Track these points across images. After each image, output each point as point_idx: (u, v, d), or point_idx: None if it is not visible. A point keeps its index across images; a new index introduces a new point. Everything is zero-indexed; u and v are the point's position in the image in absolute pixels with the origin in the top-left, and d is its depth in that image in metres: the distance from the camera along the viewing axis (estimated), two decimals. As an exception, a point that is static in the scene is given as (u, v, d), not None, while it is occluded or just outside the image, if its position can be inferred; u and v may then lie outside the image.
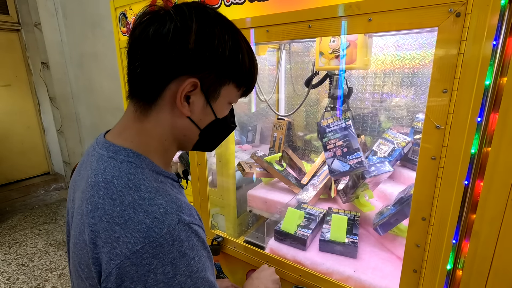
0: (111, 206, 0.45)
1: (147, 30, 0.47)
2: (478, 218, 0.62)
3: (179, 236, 0.44)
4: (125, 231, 0.43)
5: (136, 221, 0.43)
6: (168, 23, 0.46)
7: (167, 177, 0.54)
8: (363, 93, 1.44)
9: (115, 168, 0.48)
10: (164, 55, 0.46)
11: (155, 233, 0.42)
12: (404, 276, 0.75)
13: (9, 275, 2.42)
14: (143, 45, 0.47)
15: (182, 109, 0.50)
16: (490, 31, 0.54)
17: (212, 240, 1.16)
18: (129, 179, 0.47)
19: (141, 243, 0.42)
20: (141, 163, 0.50)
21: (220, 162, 1.38)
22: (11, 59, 3.89)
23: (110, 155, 0.50)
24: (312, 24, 0.73)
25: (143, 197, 0.45)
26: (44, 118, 4.24)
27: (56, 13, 3.48)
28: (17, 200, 3.78)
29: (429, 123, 0.63)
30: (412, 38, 1.24)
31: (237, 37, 0.52)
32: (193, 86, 0.49)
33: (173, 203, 0.47)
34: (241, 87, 0.56)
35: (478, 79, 0.56)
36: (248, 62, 0.54)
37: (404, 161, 1.31)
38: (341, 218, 1.03)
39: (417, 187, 0.68)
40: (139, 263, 0.41)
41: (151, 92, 0.50)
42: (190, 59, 0.47)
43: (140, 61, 0.48)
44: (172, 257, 0.43)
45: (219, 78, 0.51)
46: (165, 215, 0.44)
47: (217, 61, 0.49)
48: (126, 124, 0.54)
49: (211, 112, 0.54)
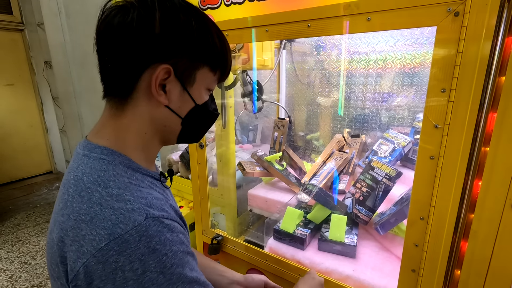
0: (79, 204, 0.44)
1: (111, 23, 0.46)
2: (476, 218, 0.61)
3: (147, 232, 0.42)
4: (91, 229, 0.42)
5: (102, 218, 0.42)
6: (131, 12, 0.46)
7: (146, 175, 0.52)
8: (364, 93, 1.44)
9: (87, 165, 0.47)
10: (132, 44, 0.46)
11: (120, 229, 0.41)
12: (402, 275, 0.75)
13: (12, 273, 2.44)
14: (109, 38, 0.47)
15: (158, 98, 0.49)
16: (489, 30, 0.54)
17: (212, 239, 1.16)
18: (98, 176, 0.46)
19: (105, 240, 0.41)
20: (114, 159, 0.48)
21: (221, 162, 1.38)
22: (14, 58, 3.92)
23: (85, 153, 0.49)
24: (312, 24, 0.74)
25: (111, 194, 0.44)
26: (47, 117, 4.27)
27: (59, 13, 3.49)
28: (20, 198, 3.80)
29: (428, 123, 0.63)
30: (413, 38, 1.24)
31: (204, 20, 0.51)
32: (167, 73, 0.48)
33: (142, 198, 0.46)
34: (216, 70, 0.55)
35: (476, 79, 0.56)
36: (219, 44, 0.53)
37: (405, 161, 1.31)
38: (340, 217, 1.03)
39: (416, 186, 0.68)
40: (105, 261, 0.40)
41: (125, 85, 0.49)
42: (158, 44, 0.47)
43: (108, 55, 0.47)
44: (140, 253, 0.41)
45: (192, 61, 0.50)
46: (132, 211, 0.43)
47: (186, 44, 0.48)
48: (103, 123, 0.53)
49: (189, 99, 0.53)
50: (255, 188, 1.45)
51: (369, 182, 1.06)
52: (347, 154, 1.35)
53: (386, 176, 1.03)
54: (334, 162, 1.32)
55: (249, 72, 1.30)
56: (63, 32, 3.56)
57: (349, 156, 1.35)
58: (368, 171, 1.08)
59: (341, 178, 1.31)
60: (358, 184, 1.10)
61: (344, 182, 1.27)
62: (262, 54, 1.20)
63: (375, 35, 1.33)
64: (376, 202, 1.03)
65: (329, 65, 1.52)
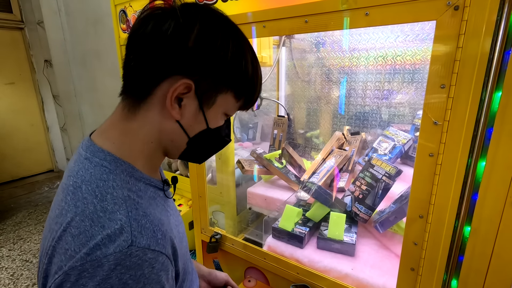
0: (72, 214, 0.42)
1: (146, 24, 0.44)
2: (476, 216, 0.61)
3: (125, 261, 0.38)
4: (75, 244, 0.39)
5: (89, 235, 0.39)
6: (170, 19, 0.44)
7: (149, 185, 0.50)
8: (364, 90, 1.43)
9: (87, 171, 0.45)
10: (160, 50, 0.44)
11: (100, 252, 0.38)
12: (401, 274, 0.74)
13: (13, 270, 2.45)
14: (140, 39, 0.45)
15: (171, 111, 0.47)
16: (490, 24, 0.53)
17: (211, 238, 1.16)
18: (97, 186, 0.43)
19: (82, 259, 0.38)
20: (116, 168, 0.46)
21: (220, 160, 1.38)
22: (15, 57, 3.92)
23: (87, 156, 0.47)
24: (309, 19, 0.72)
25: (105, 209, 0.41)
26: (48, 116, 4.27)
27: (59, 11, 3.49)
28: (21, 197, 3.82)
29: (427, 119, 0.62)
30: (414, 34, 1.22)
31: (242, 44, 0.48)
32: (187, 88, 0.45)
33: (135, 220, 0.42)
34: (240, 98, 0.51)
35: (476, 74, 0.55)
36: (252, 71, 0.49)
37: (405, 159, 1.29)
38: (339, 215, 1.02)
39: (415, 184, 0.67)
40: (74, 281, 0.37)
41: (142, 88, 0.47)
42: (187, 58, 0.44)
43: (134, 54, 0.46)
44: (109, 284, 0.37)
45: (217, 84, 0.47)
46: (119, 234, 0.40)
47: (216, 65, 0.46)
48: (112, 122, 0.50)
49: (203, 120, 0.50)
50: (255, 186, 1.44)
51: (369, 180, 1.05)
52: (347, 152, 1.34)
53: (385, 174, 1.02)
54: (334, 160, 1.31)
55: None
56: (63, 31, 3.56)
57: (348, 153, 1.34)
58: (368, 169, 1.07)
59: (341, 176, 1.31)
60: (357, 182, 1.09)
61: (344, 180, 1.26)
62: (260, 51, 1.18)
63: (375, 31, 1.31)
64: (375, 200, 1.02)
65: (329, 62, 1.50)
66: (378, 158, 1.07)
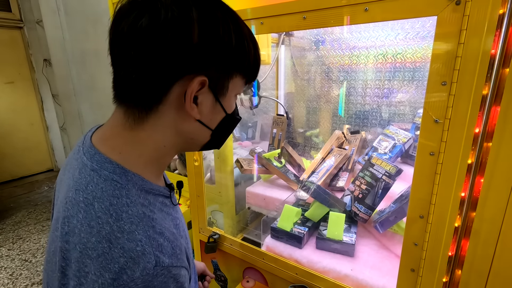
0: (87, 234, 0.40)
1: (137, 24, 0.38)
2: (478, 216, 0.59)
3: (152, 282, 0.39)
4: (95, 268, 0.38)
5: (109, 258, 0.38)
6: (162, 12, 0.38)
7: (158, 195, 0.48)
8: (364, 89, 1.41)
9: (98, 186, 0.42)
10: (165, 54, 0.39)
11: (126, 276, 0.38)
12: (401, 275, 0.73)
13: (12, 270, 2.44)
14: (135, 44, 0.39)
15: (191, 112, 0.44)
16: (492, 19, 0.51)
17: (209, 238, 1.15)
18: (111, 204, 0.41)
19: (109, 285, 0.37)
20: (127, 182, 0.43)
21: (219, 159, 1.36)
22: (14, 56, 3.91)
23: (94, 167, 0.43)
24: (307, 15, 0.71)
25: (123, 229, 0.40)
26: (47, 115, 4.27)
27: (58, 10, 3.47)
28: (21, 196, 3.81)
29: (428, 118, 0.61)
30: (414, 31, 1.21)
31: (237, 20, 0.45)
32: (201, 85, 0.43)
33: (155, 240, 0.41)
34: (247, 76, 0.50)
35: (478, 71, 0.54)
36: (254, 50, 0.48)
37: (405, 158, 1.28)
38: (339, 215, 1.01)
39: (415, 184, 0.66)
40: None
41: (151, 98, 0.43)
42: (196, 55, 0.41)
43: (134, 65, 0.40)
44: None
45: (227, 71, 0.45)
46: (142, 255, 0.39)
47: (224, 53, 0.43)
48: (114, 132, 0.46)
49: (221, 109, 0.48)
50: (254, 186, 1.43)
51: (369, 180, 1.04)
52: (347, 151, 1.32)
53: (386, 173, 1.00)
54: (334, 159, 1.30)
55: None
56: (62, 30, 3.54)
57: (348, 152, 1.33)
58: (368, 168, 1.06)
59: (341, 175, 1.29)
60: (357, 182, 1.08)
61: (344, 179, 1.25)
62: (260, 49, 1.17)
63: (375, 29, 1.30)
64: (375, 199, 1.01)
65: (329, 60, 1.49)
66: (378, 157, 1.06)
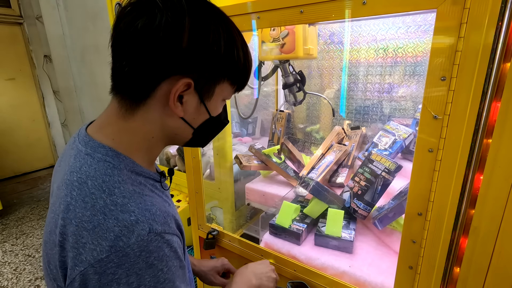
0: (82, 209, 0.43)
1: (134, 24, 0.42)
2: (477, 214, 0.58)
3: (148, 247, 0.42)
4: (92, 238, 0.41)
5: (104, 228, 0.41)
6: (158, 16, 0.42)
7: (148, 178, 0.52)
8: (364, 84, 1.40)
9: (91, 167, 0.46)
10: (155, 54, 0.43)
11: (122, 243, 0.41)
12: (399, 272, 0.72)
13: (16, 265, 2.47)
14: (130, 42, 0.44)
15: (175, 110, 0.48)
16: (493, 12, 0.50)
17: (207, 234, 1.15)
18: (103, 181, 0.45)
19: (106, 252, 0.40)
20: (120, 163, 0.47)
21: (218, 155, 1.36)
22: (14, 52, 3.91)
23: (88, 151, 0.47)
24: (304, 9, 0.70)
25: (116, 203, 0.43)
26: (49, 112, 4.28)
27: (57, 5, 3.45)
28: (24, 192, 3.85)
29: (426, 113, 0.60)
30: (416, 25, 1.18)
31: (231, 30, 0.48)
32: (187, 86, 0.47)
33: (147, 210, 0.45)
34: (235, 83, 0.54)
35: (479, 66, 0.52)
36: (243, 58, 0.51)
37: (406, 154, 1.27)
38: (337, 212, 1.00)
39: (413, 181, 0.65)
40: (102, 272, 0.40)
41: (140, 91, 0.47)
42: (183, 58, 0.44)
43: (127, 59, 0.45)
44: (138, 268, 0.41)
45: (214, 76, 0.49)
46: (136, 224, 0.42)
47: (211, 60, 0.47)
48: (108, 120, 0.51)
49: (205, 111, 0.52)
50: (253, 182, 1.43)
51: (368, 176, 1.03)
52: (347, 147, 1.31)
53: (385, 170, 0.99)
54: (334, 155, 1.29)
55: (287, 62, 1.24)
56: (62, 25, 3.53)
57: (348, 148, 1.32)
58: (367, 164, 1.05)
59: (340, 171, 1.28)
60: (356, 178, 1.07)
61: (343, 175, 1.24)
62: (308, 42, 1.13)
63: (375, 23, 1.27)
64: (374, 196, 1.00)
65: (329, 55, 1.47)
66: (377, 153, 1.04)
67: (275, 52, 1.15)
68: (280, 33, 1.10)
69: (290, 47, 1.10)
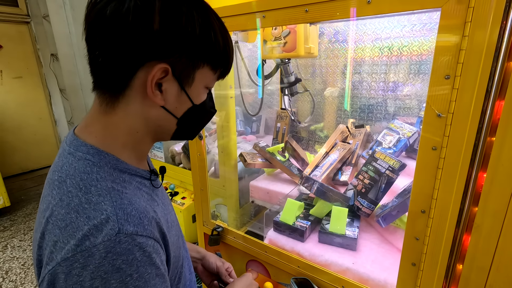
0: (58, 208, 0.42)
1: (103, 12, 0.41)
2: (480, 211, 0.59)
3: (115, 248, 0.39)
4: (63, 236, 0.40)
5: (75, 227, 0.40)
6: (127, 1, 0.40)
7: (135, 175, 0.50)
8: (369, 82, 1.40)
9: (71, 166, 0.45)
10: (127, 40, 0.41)
11: (89, 242, 0.39)
12: (402, 269, 0.73)
13: (24, 260, 2.52)
14: (101, 30, 0.42)
15: (154, 99, 0.46)
16: (498, 11, 0.50)
17: (212, 230, 1.16)
18: (81, 179, 0.43)
19: (73, 251, 0.39)
20: (100, 161, 0.46)
21: (222, 153, 1.37)
22: (22, 51, 3.96)
23: (71, 150, 0.47)
24: (309, 8, 0.70)
25: (90, 201, 0.42)
26: (55, 110, 4.33)
27: (64, 4, 3.49)
28: (31, 189, 3.91)
29: (430, 112, 0.60)
30: (421, 23, 1.18)
31: (207, 14, 0.46)
32: (164, 72, 0.45)
33: (121, 209, 0.42)
34: (217, 69, 0.52)
35: (483, 64, 0.53)
36: (222, 41, 0.49)
37: (410, 152, 1.27)
38: (341, 210, 1.01)
39: (417, 178, 0.65)
40: (68, 272, 0.38)
41: (117, 82, 0.45)
42: (157, 42, 0.42)
43: (100, 49, 0.43)
44: (103, 271, 0.38)
45: (192, 61, 0.47)
46: (106, 223, 0.40)
47: (187, 42, 0.44)
48: (92, 117, 0.49)
49: (187, 99, 0.50)
50: (257, 180, 1.44)
51: (372, 174, 1.04)
52: (351, 145, 1.31)
53: (389, 168, 1.00)
54: (337, 153, 1.29)
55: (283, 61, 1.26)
56: (68, 24, 3.56)
57: (352, 147, 1.32)
58: (371, 163, 1.06)
59: (344, 169, 1.29)
60: (360, 176, 1.08)
61: (347, 174, 1.24)
62: (309, 41, 1.14)
63: (380, 21, 1.27)
64: (378, 194, 1.01)
65: (333, 53, 1.47)
66: (381, 152, 1.05)
67: (277, 51, 1.15)
68: (282, 32, 1.10)
69: (291, 45, 1.11)
